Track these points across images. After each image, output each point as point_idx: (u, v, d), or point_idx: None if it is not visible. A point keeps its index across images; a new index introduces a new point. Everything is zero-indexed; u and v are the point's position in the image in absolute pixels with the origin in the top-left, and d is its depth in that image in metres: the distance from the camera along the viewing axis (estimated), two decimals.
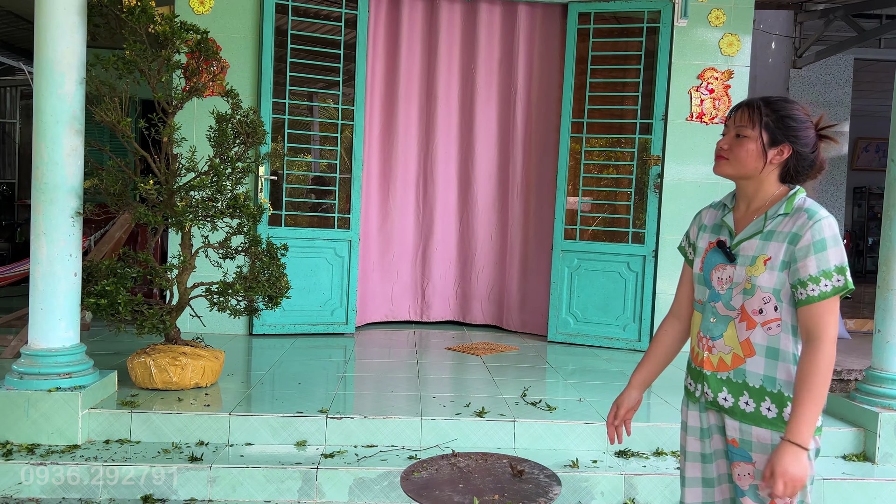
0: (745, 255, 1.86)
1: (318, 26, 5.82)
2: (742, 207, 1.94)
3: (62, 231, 3.57)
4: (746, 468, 1.86)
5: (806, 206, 1.82)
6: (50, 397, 3.46)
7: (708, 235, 2.00)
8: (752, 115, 1.85)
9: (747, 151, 1.85)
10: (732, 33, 5.74)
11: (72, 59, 3.55)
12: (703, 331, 1.95)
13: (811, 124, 1.86)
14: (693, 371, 2.00)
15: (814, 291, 1.75)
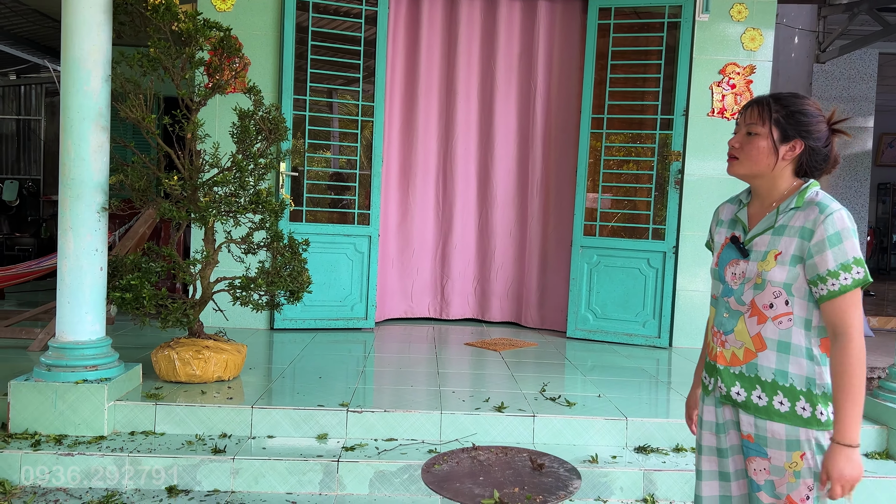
0: (758, 251, 1.85)
1: (338, 23, 5.85)
2: (756, 203, 1.93)
3: (88, 226, 3.63)
4: (762, 463, 1.86)
5: (818, 200, 1.80)
6: (77, 389, 3.53)
7: (724, 230, 1.99)
8: (762, 112, 1.84)
9: (759, 149, 1.84)
10: (755, 28, 5.69)
11: (97, 56, 3.61)
12: (716, 325, 1.96)
13: (823, 119, 1.85)
14: (708, 366, 2.01)
15: (834, 286, 1.75)
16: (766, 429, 1.84)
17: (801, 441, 1.80)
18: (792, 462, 1.81)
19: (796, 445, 1.80)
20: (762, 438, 1.85)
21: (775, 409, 1.83)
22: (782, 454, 1.82)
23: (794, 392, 1.81)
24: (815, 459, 1.80)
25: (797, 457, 1.81)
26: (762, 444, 1.85)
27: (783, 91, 1.90)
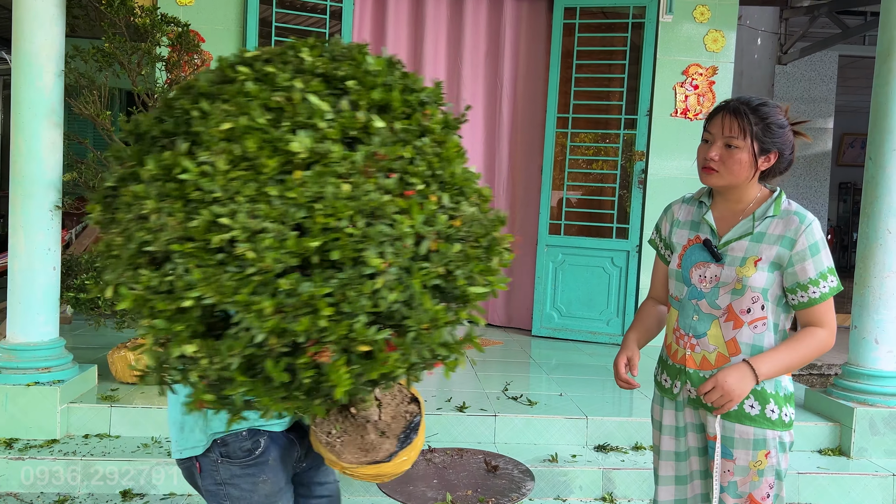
0: (734, 256, 1.86)
1: (303, 18, 5.79)
2: (722, 207, 1.93)
3: (41, 225, 3.54)
4: (727, 464, 1.88)
5: (795, 210, 1.85)
6: (28, 391, 3.45)
7: (685, 232, 1.98)
8: (742, 125, 1.81)
9: (739, 162, 1.83)
10: (717, 29, 5.75)
11: (50, 51, 3.52)
12: (683, 328, 1.95)
13: (789, 125, 1.87)
14: (670, 368, 1.99)
15: (815, 294, 1.81)
16: (734, 430, 1.86)
17: (767, 440, 1.84)
18: (757, 461, 1.85)
19: (763, 444, 1.84)
20: (729, 440, 1.87)
21: (746, 412, 1.85)
22: (748, 453, 1.85)
23: (764, 395, 1.84)
24: (777, 457, 1.85)
25: (762, 455, 1.84)
26: (728, 445, 1.87)
27: (749, 95, 1.88)
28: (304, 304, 0.99)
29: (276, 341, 1.00)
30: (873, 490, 3.51)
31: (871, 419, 3.72)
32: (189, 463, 1.70)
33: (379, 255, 1.02)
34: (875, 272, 3.82)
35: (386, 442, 1.48)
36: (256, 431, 1.67)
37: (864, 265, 3.88)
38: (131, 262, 1.06)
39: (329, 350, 1.02)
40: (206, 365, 1.05)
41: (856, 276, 3.95)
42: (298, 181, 1.01)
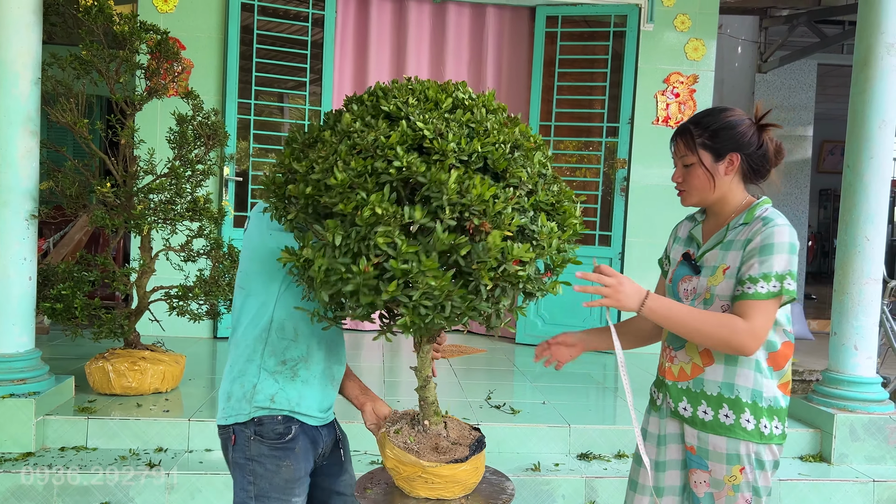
0: (708, 266, 1.88)
1: (285, 26, 5.77)
2: (711, 220, 1.96)
3: (16, 234, 3.49)
4: (703, 476, 1.88)
5: (765, 215, 1.83)
6: (3, 404, 3.39)
7: (680, 248, 2.02)
8: (687, 142, 1.87)
9: (699, 177, 1.86)
10: (697, 38, 5.80)
11: (26, 58, 3.48)
12: (667, 341, 1.97)
13: (749, 122, 1.86)
14: (658, 381, 2.03)
15: (749, 289, 1.76)
16: (708, 442, 1.85)
17: (741, 455, 1.82)
18: (731, 475, 1.83)
19: (736, 459, 1.82)
20: (704, 451, 1.87)
21: (720, 422, 1.84)
22: (723, 467, 1.84)
23: (739, 403, 1.82)
24: (753, 474, 1.82)
25: (736, 470, 1.83)
26: (704, 456, 1.87)
27: (708, 110, 1.92)
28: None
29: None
30: (854, 496, 3.53)
31: (852, 425, 3.74)
32: (228, 433, 1.88)
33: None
34: (854, 279, 3.85)
35: (458, 448, 1.70)
36: (290, 419, 1.85)
37: (844, 272, 3.91)
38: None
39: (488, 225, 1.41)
40: None
41: (835, 283, 3.98)
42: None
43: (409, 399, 4.11)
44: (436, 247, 1.39)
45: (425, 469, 1.65)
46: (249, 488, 1.84)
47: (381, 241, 1.37)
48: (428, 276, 1.37)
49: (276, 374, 1.86)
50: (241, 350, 1.89)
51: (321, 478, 2.00)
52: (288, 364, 1.86)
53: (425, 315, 1.41)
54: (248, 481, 1.84)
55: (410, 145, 1.46)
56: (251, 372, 1.86)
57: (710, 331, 1.75)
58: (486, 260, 1.41)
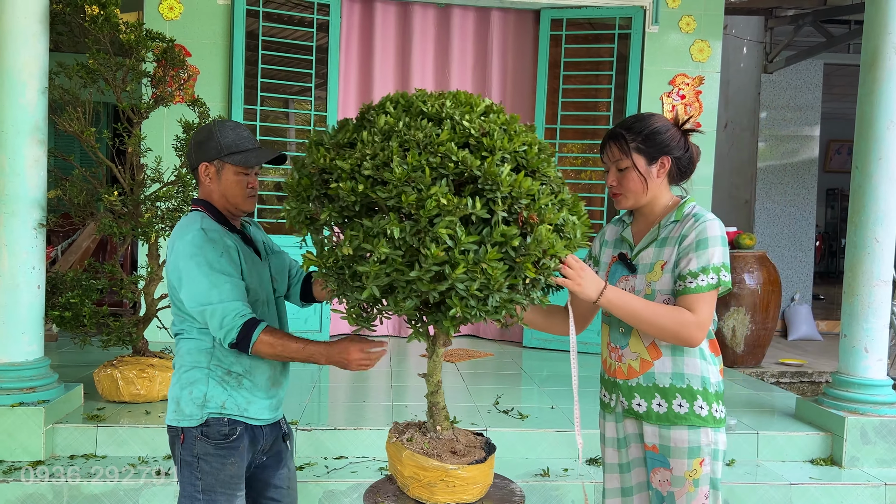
0: (644, 264, 1.94)
1: (289, 31, 5.78)
2: (641, 221, 2.02)
3: (25, 243, 3.50)
4: (665, 474, 1.90)
5: (694, 212, 1.92)
6: (13, 412, 3.40)
7: (610, 250, 2.07)
8: (620, 146, 1.92)
9: (633, 180, 1.93)
10: (703, 39, 5.78)
11: (34, 68, 3.49)
12: (612, 341, 2.00)
13: (675, 128, 1.94)
14: (607, 382, 2.05)
15: (691, 284, 1.84)
16: (669, 437, 1.88)
17: (701, 447, 1.87)
18: (692, 470, 1.87)
19: (697, 452, 1.87)
20: (666, 448, 1.89)
21: (675, 412, 1.88)
22: (684, 462, 1.87)
23: (691, 392, 1.88)
24: (712, 465, 1.88)
25: (697, 464, 1.87)
26: (666, 454, 1.89)
27: (637, 116, 1.99)
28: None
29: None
30: (866, 500, 3.50)
31: (863, 428, 3.72)
32: (176, 432, 2.02)
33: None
34: (863, 281, 3.83)
35: (474, 450, 1.80)
36: (236, 421, 2.01)
37: (853, 274, 3.88)
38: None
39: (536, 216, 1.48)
40: None
41: (844, 285, 3.96)
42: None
43: (416, 404, 4.11)
44: (492, 238, 1.46)
45: (448, 472, 1.71)
46: (197, 483, 1.99)
47: (443, 231, 1.43)
48: (487, 266, 1.44)
49: (224, 382, 2.01)
50: (187, 359, 2.03)
51: (260, 470, 2.15)
52: (233, 375, 2.01)
53: (471, 308, 1.48)
54: (196, 477, 1.99)
55: (457, 143, 1.54)
56: (200, 380, 2.00)
57: (662, 322, 1.82)
58: (530, 253, 1.48)
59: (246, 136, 2.07)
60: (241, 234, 2.11)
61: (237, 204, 2.06)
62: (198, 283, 1.91)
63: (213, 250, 1.93)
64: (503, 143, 1.55)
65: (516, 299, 1.54)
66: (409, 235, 1.45)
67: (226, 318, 1.89)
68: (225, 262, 1.94)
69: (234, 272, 1.96)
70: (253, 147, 2.06)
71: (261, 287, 2.07)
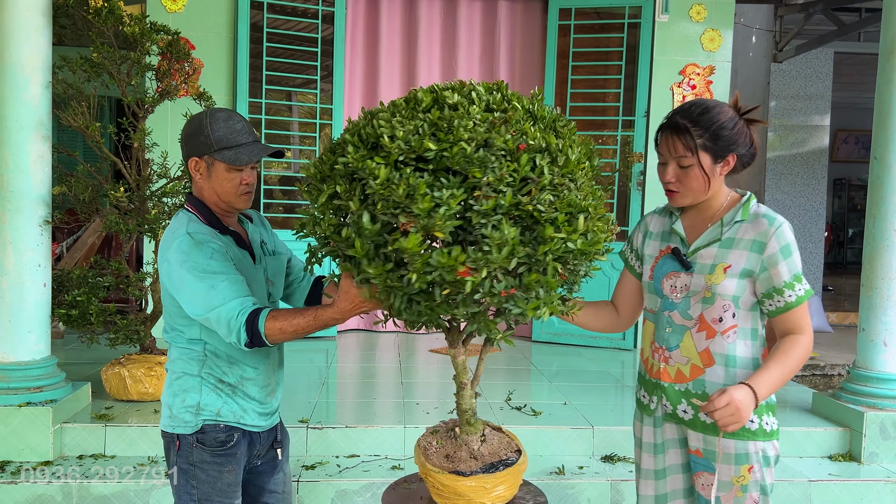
0: (703, 263, 1.81)
1: (294, 23, 5.70)
2: (693, 215, 1.89)
3: (30, 241, 3.45)
4: (709, 479, 1.82)
5: (763, 213, 1.80)
6: (20, 412, 3.35)
7: (657, 243, 1.94)
8: (685, 142, 1.76)
9: (696, 178, 1.78)
10: (714, 28, 5.69)
11: (37, 62, 3.43)
12: (657, 341, 1.89)
13: (741, 121, 1.79)
14: (648, 383, 1.94)
15: (791, 297, 1.75)
16: (715, 443, 1.80)
17: (749, 454, 1.78)
18: (740, 476, 1.79)
19: (745, 459, 1.78)
20: (711, 454, 1.81)
21: None
22: (730, 468, 1.79)
23: None
24: (762, 472, 1.78)
25: (745, 470, 1.78)
26: (711, 458, 1.81)
27: (691, 103, 1.81)
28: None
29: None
30: (886, 497, 3.45)
31: (882, 423, 3.66)
32: (171, 438, 1.95)
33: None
34: (882, 273, 3.76)
35: (473, 463, 1.68)
36: (232, 427, 1.93)
37: (871, 267, 3.82)
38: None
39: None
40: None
41: (862, 278, 3.89)
42: None
43: (426, 401, 4.06)
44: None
45: (429, 473, 1.69)
46: (193, 492, 1.92)
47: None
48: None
49: (218, 390, 1.93)
50: (178, 365, 1.95)
51: (255, 476, 2.09)
52: (226, 383, 1.93)
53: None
54: (192, 486, 1.92)
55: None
56: (192, 388, 1.92)
57: (799, 365, 1.76)
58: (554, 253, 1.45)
59: (239, 129, 1.90)
60: (235, 235, 1.98)
61: (230, 202, 1.93)
62: (195, 290, 1.80)
63: (201, 254, 1.81)
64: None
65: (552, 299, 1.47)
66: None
67: (230, 323, 1.77)
68: (217, 263, 1.82)
69: (229, 268, 1.84)
70: (246, 142, 1.90)
71: (253, 293, 1.92)
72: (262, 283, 2.01)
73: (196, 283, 1.79)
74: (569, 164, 1.45)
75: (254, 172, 1.95)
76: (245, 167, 1.91)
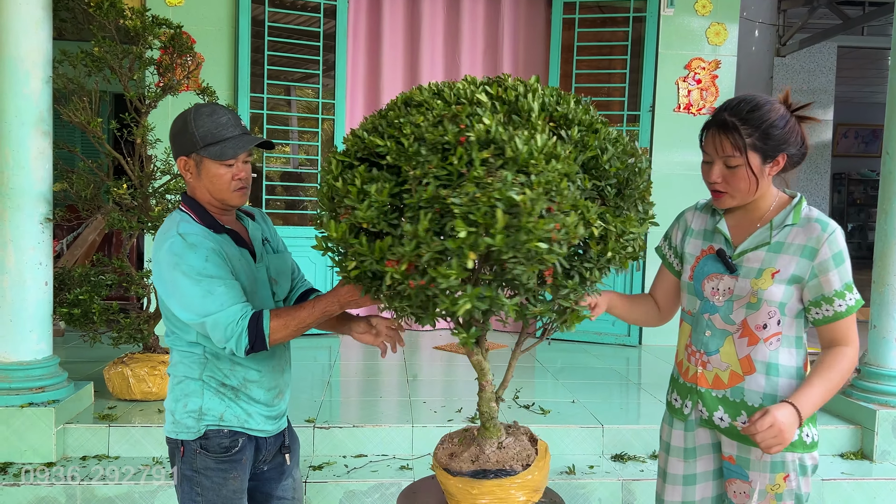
0: (749, 267, 1.73)
1: (295, 17, 5.64)
2: (738, 214, 1.80)
3: (31, 238, 3.39)
4: (742, 486, 1.76)
5: (816, 217, 1.71)
6: (22, 413, 3.30)
7: (699, 242, 1.85)
8: (734, 141, 1.66)
9: (743, 179, 1.69)
10: (719, 22, 5.65)
11: (37, 56, 3.36)
12: (695, 344, 1.82)
13: (792, 118, 1.70)
14: (682, 387, 1.87)
15: (841, 307, 1.68)
16: (750, 451, 1.74)
17: (786, 462, 1.71)
18: (775, 484, 1.73)
19: (781, 467, 1.72)
20: (745, 461, 1.75)
21: None
22: (765, 476, 1.73)
23: None
24: (797, 480, 1.72)
25: (780, 478, 1.72)
26: (744, 466, 1.75)
27: (740, 98, 1.71)
28: None
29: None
30: None
31: (894, 421, 3.63)
32: (175, 444, 1.89)
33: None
34: (894, 269, 3.72)
35: (468, 465, 1.65)
36: (237, 433, 1.88)
37: (883, 263, 3.78)
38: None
39: None
40: None
41: (874, 275, 3.85)
42: None
43: (433, 399, 4.02)
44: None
45: (434, 467, 1.70)
46: (198, 500, 1.87)
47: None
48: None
49: (221, 394, 1.86)
50: (179, 369, 1.88)
51: (262, 482, 2.02)
52: (228, 387, 1.86)
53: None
54: (196, 493, 1.87)
55: None
56: (194, 392, 1.86)
57: (843, 379, 1.70)
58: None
59: (224, 122, 1.81)
60: (233, 233, 1.89)
61: (223, 199, 1.84)
62: (190, 294, 1.72)
63: (195, 256, 1.73)
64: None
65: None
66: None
67: (228, 328, 1.70)
68: (213, 266, 1.74)
69: (225, 273, 1.76)
70: (232, 135, 1.81)
71: (255, 291, 1.87)
72: (265, 282, 1.94)
73: (191, 286, 1.72)
74: (520, 158, 1.31)
75: (246, 167, 1.85)
76: (236, 161, 1.82)
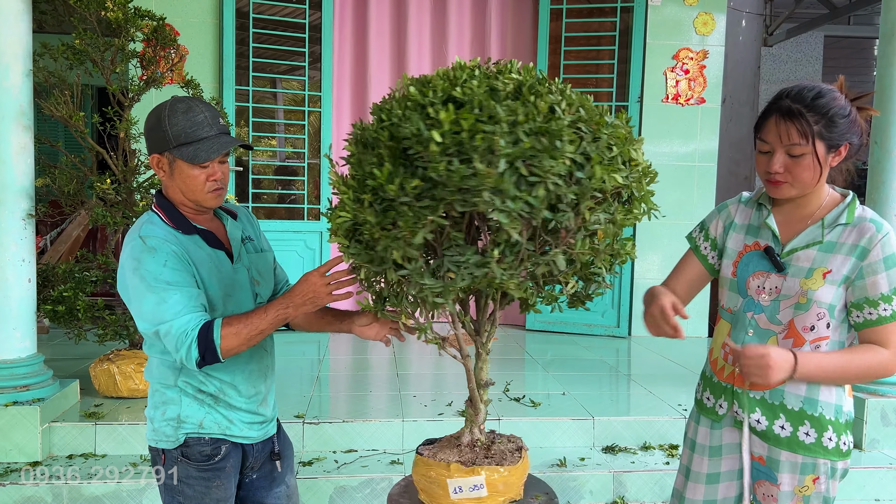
0: (799, 266, 1.66)
1: (280, 8, 5.57)
2: (787, 209, 1.73)
3: (13, 235, 3.33)
4: (771, 489, 1.71)
5: (870, 217, 1.65)
6: (7, 412, 3.25)
7: (741, 236, 1.78)
8: (801, 129, 1.59)
9: (808, 169, 1.61)
10: (707, 12, 5.63)
11: (17, 49, 3.30)
12: (735, 343, 1.74)
13: (852, 107, 1.63)
14: (716, 386, 1.80)
15: (885, 311, 1.60)
16: (780, 453, 1.68)
17: (817, 464, 1.66)
18: (804, 486, 1.68)
19: (811, 469, 1.67)
20: (775, 462, 1.69)
21: (799, 440, 1.66)
22: (795, 478, 1.68)
23: (822, 422, 1.66)
24: (827, 484, 1.67)
25: (810, 480, 1.67)
26: (774, 468, 1.70)
27: (800, 86, 1.65)
28: None
29: None
30: (888, 483, 3.44)
31: (883, 410, 3.65)
32: (157, 453, 1.83)
33: None
34: None
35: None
36: (219, 440, 1.81)
37: None
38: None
39: None
40: None
41: None
42: None
43: (423, 393, 4.00)
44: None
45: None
46: None
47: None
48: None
49: (199, 400, 1.80)
50: (156, 375, 1.82)
51: (251, 490, 1.94)
52: (206, 393, 1.79)
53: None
54: (178, 502, 1.81)
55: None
56: (172, 400, 1.79)
57: (866, 377, 1.63)
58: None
59: (200, 121, 1.71)
60: (205, 234, 1.79)
61: (197, 201, 1.75)
62: (144, 300, 1.65)
63: (153, 260, 1.65)
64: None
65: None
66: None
67: (179, 339, 1.62)
68: (170, 271, 1.65)
69: (184, 280, 1.67)
70: (208, 135, 1.71)
71: (230, 295, 1.79)
72: (245, 283, 1.85)
73: (146, 293, 1.64)
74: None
75: (223, 167, 1.76)
76: (211, 163, 1.72)
